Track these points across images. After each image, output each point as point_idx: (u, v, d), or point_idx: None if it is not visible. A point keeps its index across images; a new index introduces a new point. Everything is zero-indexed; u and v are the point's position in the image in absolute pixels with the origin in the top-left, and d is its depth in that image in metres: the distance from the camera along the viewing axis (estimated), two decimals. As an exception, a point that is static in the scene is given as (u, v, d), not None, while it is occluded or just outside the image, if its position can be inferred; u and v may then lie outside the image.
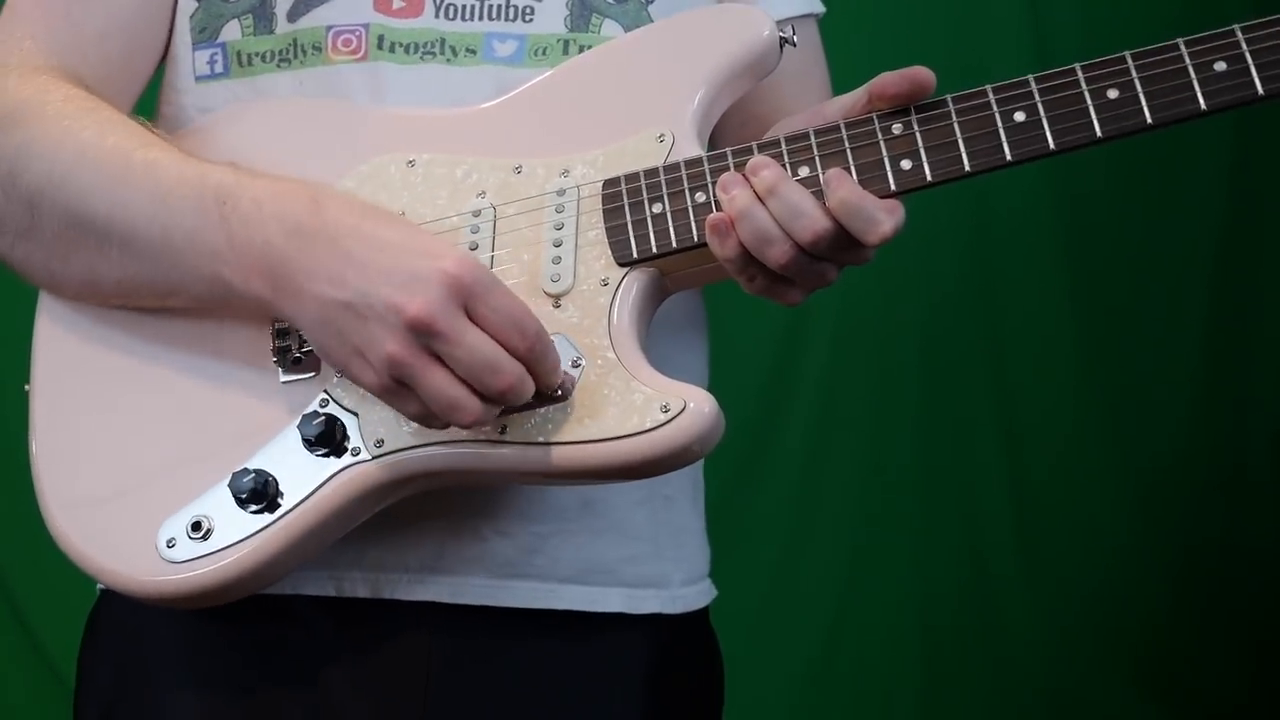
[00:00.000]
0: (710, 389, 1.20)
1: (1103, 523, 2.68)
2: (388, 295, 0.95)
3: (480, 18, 1.17)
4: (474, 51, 1.16)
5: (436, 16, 1.17)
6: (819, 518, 2.64)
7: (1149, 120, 0.98)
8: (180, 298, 1.07)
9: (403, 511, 1.08)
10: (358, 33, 1.16)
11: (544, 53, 1.16)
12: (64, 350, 1.13)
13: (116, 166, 1.06)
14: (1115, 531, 2.68)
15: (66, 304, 1.13)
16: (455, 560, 1.12)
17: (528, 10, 1.17)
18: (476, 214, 1.08)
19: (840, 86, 1.21)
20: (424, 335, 0.94)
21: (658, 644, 1.17)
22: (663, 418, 0.99)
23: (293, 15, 1.17)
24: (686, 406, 0.99)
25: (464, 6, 1.17)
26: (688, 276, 1.07)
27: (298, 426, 1.04)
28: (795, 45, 1.10)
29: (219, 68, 1.18)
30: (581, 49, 1.16)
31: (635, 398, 1.00)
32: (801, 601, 2.58)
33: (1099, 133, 0.98)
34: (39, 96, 1.10)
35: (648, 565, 1.17)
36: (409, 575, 1.12)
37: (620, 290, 1.04)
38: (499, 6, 1.17)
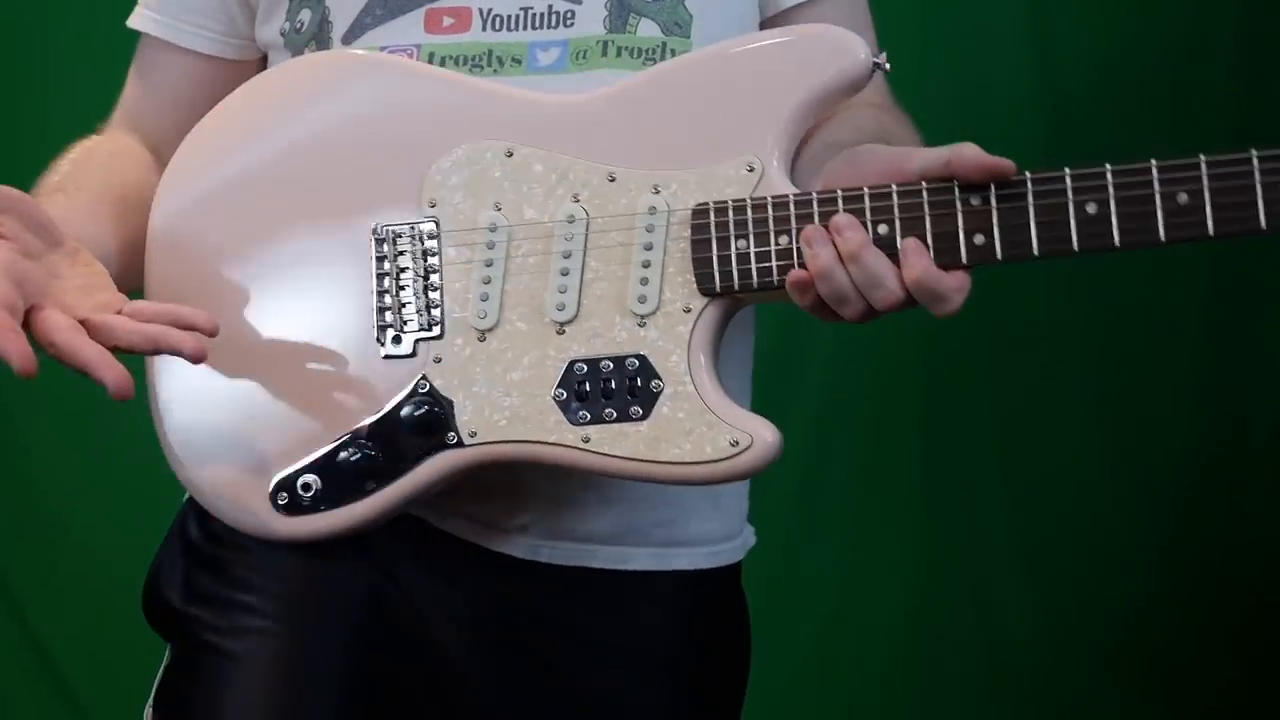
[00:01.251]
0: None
1: (1102, 521, 2.68)
2: None
3: (524, 27, 1.22)
4: (519, 61, 1.22)
5: (484, 30, 1.22)
6: (817, 518, 2.64)
7: (1211, 233, 1.04)
8: None
9: None
10: (410, 52, 1.23)
11: (584, 56, 1.22)
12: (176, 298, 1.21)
13: None
14: (1114, 529, 2.68)
15: (172, 261, 1.21)
16: (501, 515, 1.24)
17: (568, 15, 1.22)
18: (570, 220, 1.15)
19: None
20: None
21: (684, 600, 1.29)
22: (731, 451, 1.10)
23: (347, 39, 1.24)
24: (754, 442, 1.10)
25: (509, 16, 1.22)
26: (760, 298, 1.15)
27: (399, 411, 1.15)
28: (888, 70, 1.14)
29: None
30: (620, 50, 1.21)
31: (707, 429, 1.10)
32: (799, 601, 2.61)
33: (1163, 238, 1.05)
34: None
35: (679, 528, 1.28)
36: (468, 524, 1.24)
37: (701, 318, 1.12)
38: (541, 14, 1.22)
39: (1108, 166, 1.06)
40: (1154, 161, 1.05)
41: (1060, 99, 2.59)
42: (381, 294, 1.17)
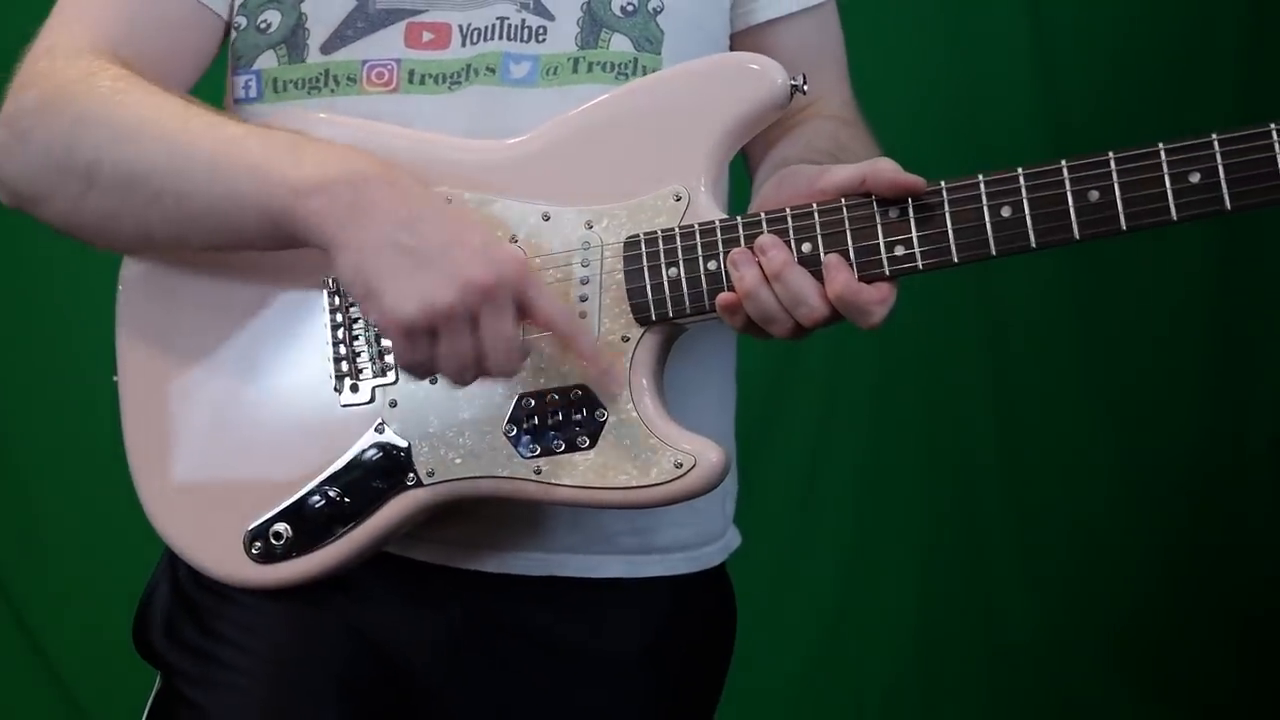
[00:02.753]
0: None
1: (1102, 522, 2.69)
2: (459, 257, 1.07)
3: (499, 37, 1.24)
4: (493, 71, 1.24)
5: (463, 45, 1.24)
6: (817, 518, 2.64)
7: (1123, 227, 1.06)
8: (230, 236, 1.16)
9: None
10: (390, 66, 1.24)
11: (555, 72, 1.24)
12: (146, 355, 1.26)
13: (176, 122, 1.15)
14: (1115, 531, 2.68)
15: (147, 305, 1.26)
16: (472, 534, 1.26)
17: (541, 30, 1.24)
18: None
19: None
20: (477, 299, 1.07)
21: (660, 605, 1.31)
22: (675, 473, 1.13)
23: (327, 48, 1.25)
24: (697, 463, 1.13)
25: (484, 28, 1.24)
26: (695, 321, 1.18)
27: (361, 455, 1.19)
28: (805, 93, 1.17)
29: (253, 93, 1.26)
30: (590, 66, 1.24)
31: (651, 453, 1.13)
32: (800, 601, 2.59)
33: (1077, 235, 1.07)
34: (87, 78, 1.18)
35: (652, 535, 1.29)
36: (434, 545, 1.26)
37: (639, 346, 1.16)
38: (515, 26, 1.24)
39: (1020, 170, 1.08)
40: (1064, 161, 1.07)
41: (1063, 103, 2.59)
42: (336, 344, 1.21)
